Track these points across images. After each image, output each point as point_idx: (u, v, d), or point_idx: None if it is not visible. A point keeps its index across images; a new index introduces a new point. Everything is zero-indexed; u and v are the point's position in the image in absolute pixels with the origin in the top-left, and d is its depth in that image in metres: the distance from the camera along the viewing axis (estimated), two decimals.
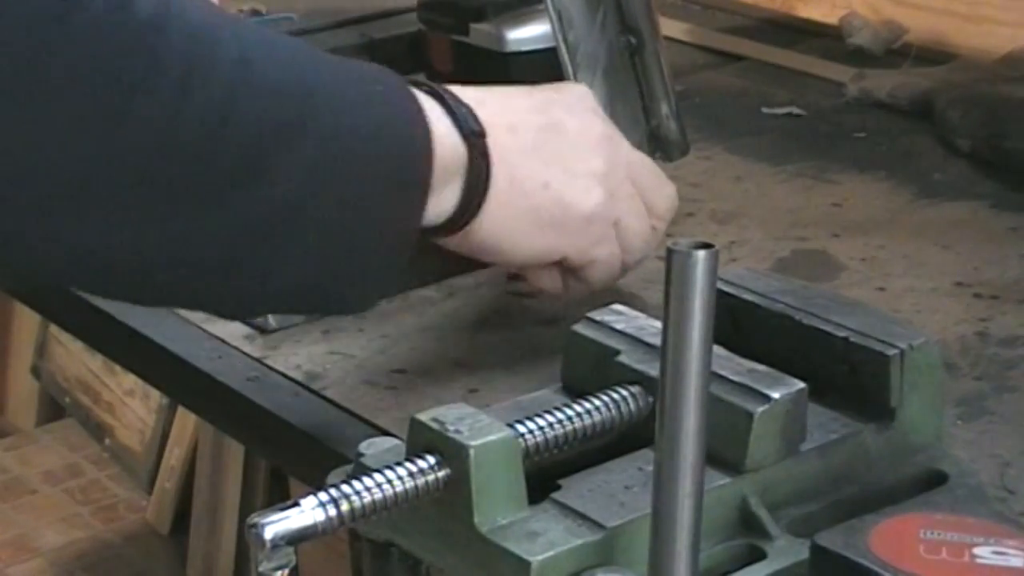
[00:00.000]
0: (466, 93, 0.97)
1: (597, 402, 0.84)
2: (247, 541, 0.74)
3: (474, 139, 0.94)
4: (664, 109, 1.14)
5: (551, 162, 0.98)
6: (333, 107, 0.88)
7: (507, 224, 0.97)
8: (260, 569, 0.73)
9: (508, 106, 0.99)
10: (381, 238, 0.91)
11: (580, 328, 0.91)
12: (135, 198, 0.83)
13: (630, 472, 0.81)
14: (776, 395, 0.81)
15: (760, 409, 0.81)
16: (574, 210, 0.99)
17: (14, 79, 0.78)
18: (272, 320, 1.11)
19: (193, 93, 0.82)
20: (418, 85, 0.95)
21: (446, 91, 0.95)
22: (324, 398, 1.03)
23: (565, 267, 1.02)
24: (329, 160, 0.87)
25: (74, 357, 3.08)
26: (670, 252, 0.66)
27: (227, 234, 0.86)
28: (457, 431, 0.77)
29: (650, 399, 0.84)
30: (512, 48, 1.46)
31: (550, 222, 0.98)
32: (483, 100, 0.96)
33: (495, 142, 0.95)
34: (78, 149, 0.81)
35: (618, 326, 0.90)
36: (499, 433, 0.78)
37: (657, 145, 1.16)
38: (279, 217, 0.86)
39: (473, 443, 0.77)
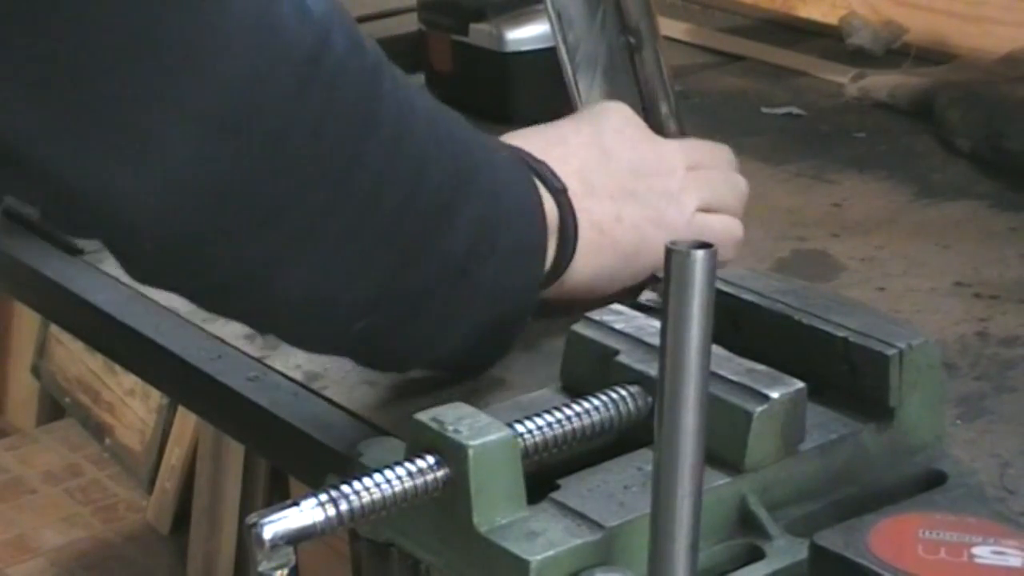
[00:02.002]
0: (531, 144, 1.00)
1: (596, 402, 0.84)
2: (247, 541, 0.74)
3: (560, 196, 0.98)
4: (664, 109, 1.14)
5: (618, 195, 1.02)
6: (484, 166, 0.92)
7: (594, 265, 1.01)
8: (260, 569, 0.73)
9: (569, 151, 1.01)
10: (519, 296, 0.95)
11: (580, 328, 0.91)
12: (350, 248, 0.84)
13: (629, 472, 0.81)
14: (775, 395, 0.81)
15: (759, 409, 0.81)
16: (650, 233, 1.03)
17: (272, 137, 0.78)
18: None
19: (403, 140, 0.84)
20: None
21: (520, 149, 0.99)
22: (324, 398, 1.03)
23: None
24: (488, 218, 0.91)
25: (74, 357, 3.09)
26: (669, 252, 0.66)
27: (415, 286, 0.88)
28: (456, 431, 0.77)
29: (649, 399, 0.84)
30: (512, 48, 1.46)
31: (633, 251, 1.02)
32: (546, 149, 1.00)
33: (573, 192, 0.99)
34: (311, 195, 0.81)
35: (617, 326, 0.90)
36: (498, 433, 0.78)
37: None
38: (454, 273, 0.89)
39: (472, 443, 0.77)
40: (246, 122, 0.77)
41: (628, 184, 1.03)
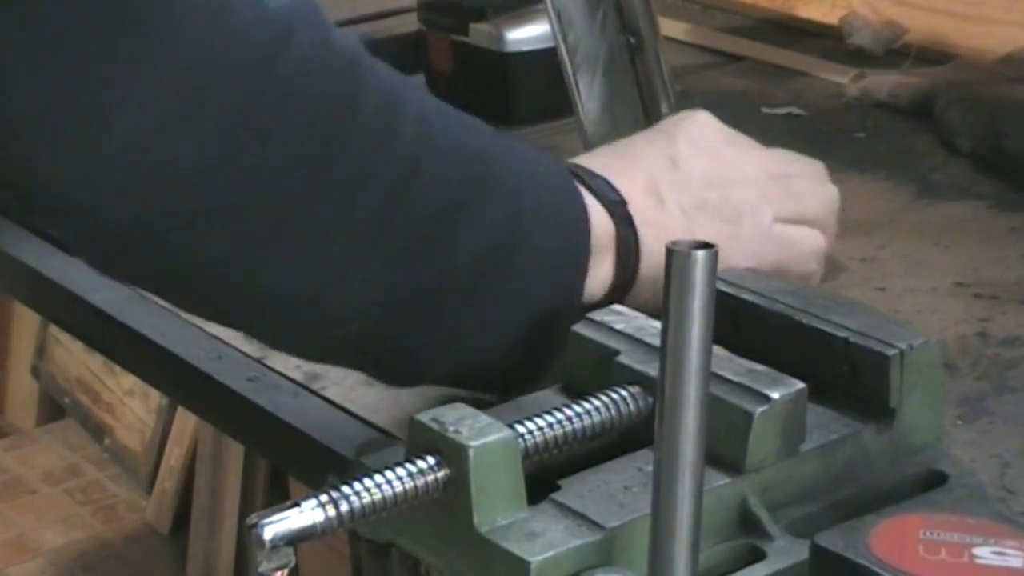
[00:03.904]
0: (597, 159, 0.98)
1: (597, 402, 0.84)
2: (247, 541, 0.74)
3: (617, 208, 0.95)
4: (664, 109, 1.14)
5: (690, 208, 0.98)
6: (508, 176, 0.89)
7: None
8: (260, 569, 0.73)
9: (637, 163, 0.98)
10: (543, 317, 0.92)
11: (580, 328, 0.91)
12: (329, 248, 0.83)
13: (629, 472, 0.81)
14: (776, 395, 0.81)
15: (760, 409, 0.81)
16: (724, 247, 0.99)
17: (226, 126, 0.78)
18: None
19: (383, 143, 0.83)
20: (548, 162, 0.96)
21: (579, 166, 0.96)
22: (324, 398, 1.03)
23: None
24: (506, 231, 0.88)
25: (74, 357, 3.09)
26: (670, 252, 0.66)
27: (413, 293, 0.86)
28: (457, 431, 0.77)
29: (650, 399, 0.84)
30: (512, 48, 1.46)
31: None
32: (611, 164, 0.97)
33: (634, 205, 0.95)
34: (275, 190, 0.80)
35: (618, 326, 0.90)
36: (499, 433, 0.78)
37: None
38: (463, 284, 0.87)
39: (473, 443, 0.77)
40: (197, 110, 0.77)
41: (701, 195, 0.99)
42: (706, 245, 0.66)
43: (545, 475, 0.81)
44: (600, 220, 0.94)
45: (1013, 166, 1.35)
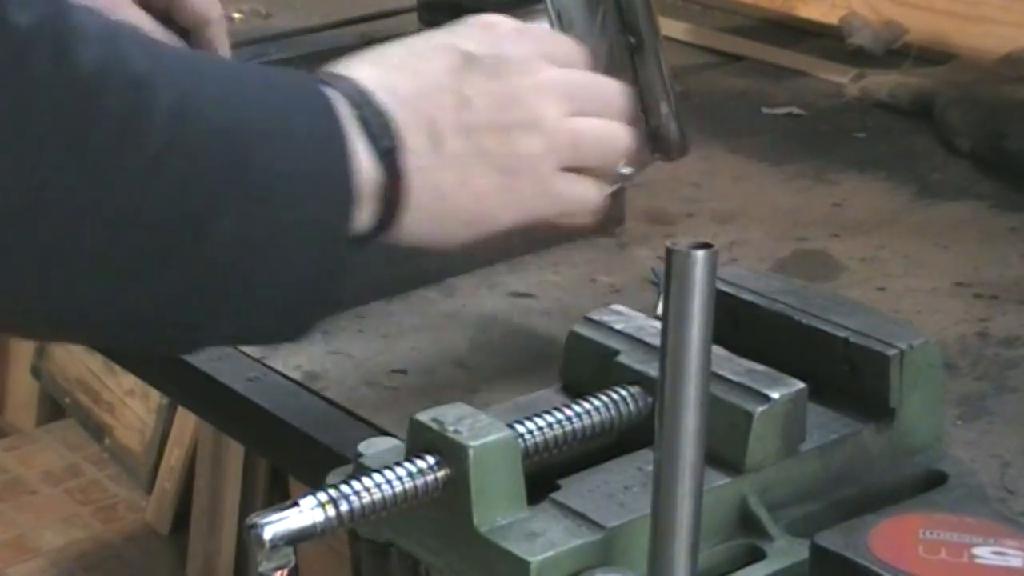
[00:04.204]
0: (379, 79, 0.91)
1: (597, 402, 0.84)
2: (247, 541, 0.74)
3: (389, 158, 0.89)
4: (664, 109, 1.14)
5: (470, 159, 0.93)
6: (266, 154, 0.85)
7: (432, 228, 0.93)
8: (260, 569, 0.73)
9: (421, 94, 0.92)
10: (307, 276, 0.88)
11: (580, 328, 0.91)
12: (62, 258, 0.80)
13: (630, 472, 0.81)
14: (776, 395, 0.81)
15: (760, 409, 0.81)
16: (497, 199, 0.94)
17: None
18: None
19: (126, 153, 0.80)
20: (337, 79, 0.90)
21: (363, 96, 0.90)
22: (324, 398, 1.03)
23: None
24: (262, 218, 0.85)
25: (74, 357, 3.08)
26: (670, 252, 0.66)
27: (160, 295, 0.83)
28: (457, 431, 0.77)
29: (650, 399, 0.84)
30: None
31: (479, 216, 0.94)
32: (395, 86, 0.91)
33: (411, 150, 0.90)
34: (7, 205, 0.78)
35: (618, 326, 0.90)
36: (499, 433, 0.78)
37: (657, 145, 1.16)
38: (211, 278, 0.84)
39: (473, 443, 0.77)
40: None
41: (484, 142, 0.92)
42: (706, 245, 0.66)
43: (545, 475, 0.81)
44: (367, 167, 0.88)
45: (1013, 166, 1.35)
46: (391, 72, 0.92)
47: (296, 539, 0.74)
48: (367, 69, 0.92)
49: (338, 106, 0.88)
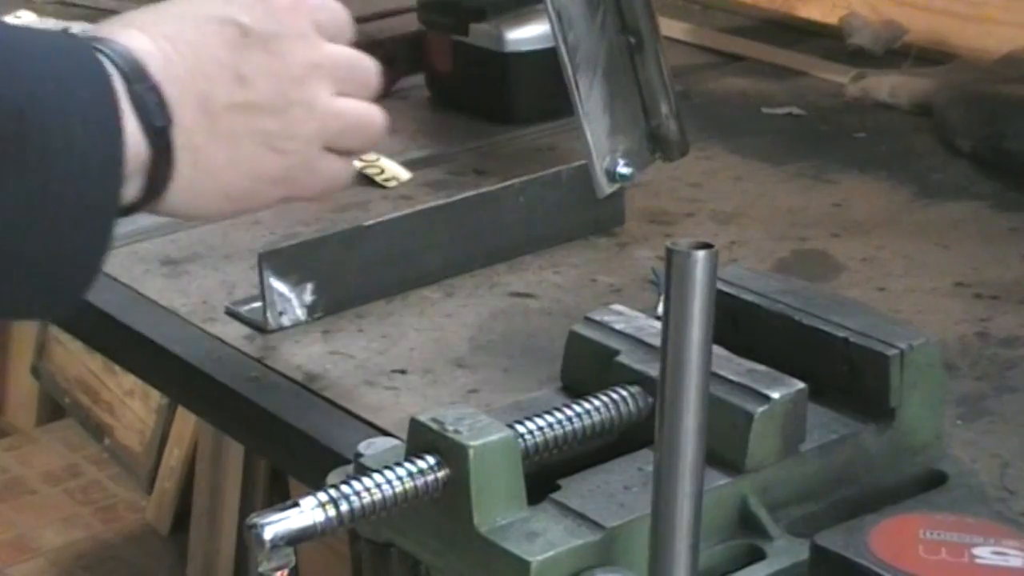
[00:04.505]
0: (156, 51, 0.90)
1: (597, 402, 0.84)
2: (247, 541, 0.74)
3: (158, 135, 0.89)
4: (664, 109, 1.14)
5: (245, 139, 0.93)
6: (43, 130, 0.84)
7: (196, 203, 0.93)
8: (260, 569, 0.73)
9: (199, 68, 0.92)
10: (78, 251, 0.87)
11: (580, 328, 0.91)
12: None
13: (630, 472, 0.81)
14: (776, 395, 0.81)
15: (760, 409, 0.81)
16: (266, 177, 0.95)
17: None
18: (271, 320, 1.11)
19: None
20: (113, 48, 0.89)
21: (138, 72, 0.89)
22: (324, 398, 1.03)
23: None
24: (34, 195, 0.83)
25: (74, 357, 3.08)
26: (670, 252, 0.66)
27: None
28: (457, 431, 0.77)
29: (650, 399, 0.84)
30: (512, 48, 1.46)
31: (244, 193, 0.95)
32: (171, 61, 0.90)
33: (181, 128, 0.90)
34: None
35: (618, 326, 0.90)
36: (499, 433, 0.78)
37: (657, 145, 1.16)
38: None
39: (473, 443, 0.77)
40: None
41: (261, 123, 0.93)
42: (706, 245, 0.66)
43: (545, 475, 0.81)
44: (135, 142, 0.87)
45: (1013, 166, 1.35)
46: (167, 44, 0.91)
47: (296, 539, 0.74)
48: (142, 39, 0.90)
49: (113, 82, 0.87)
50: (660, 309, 0.92)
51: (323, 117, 0.95)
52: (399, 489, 0.77)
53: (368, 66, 0.98)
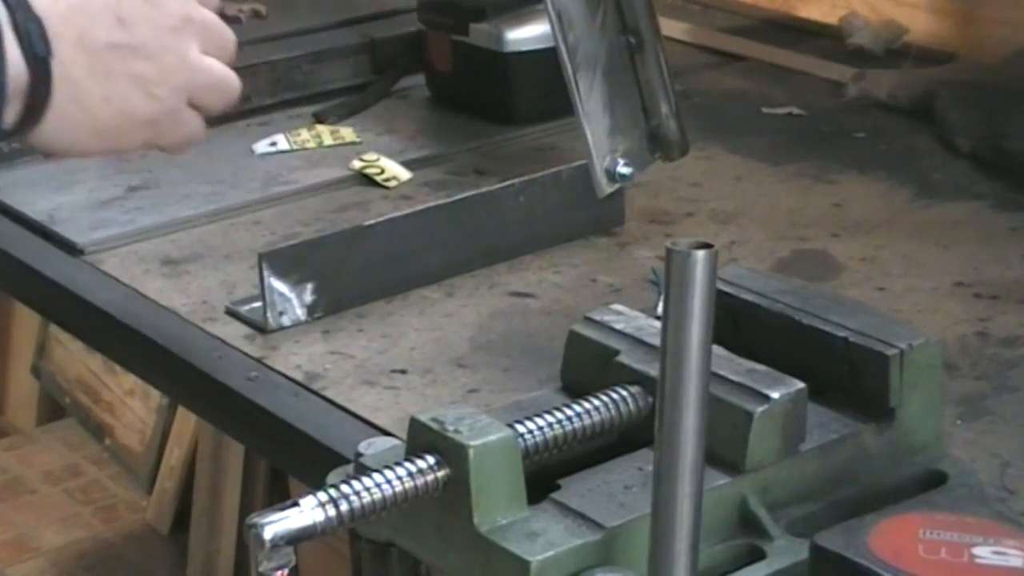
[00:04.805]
0: None
1: (597, 402, 0.84)
2: (247, 541, 0.74)
3: (38, 64, 0.94)
4: (664, 109, 1.14)
5: (119, 80, 0.98)
6: None
7: (69, 136, 0.98)
8: (260, 569, 0.73)
9: (82, 7, 0.97)
10: None
11: (580, 328, 0.91)
12: None
13: (630, 472, 0.81)
14: (776, 395, 0.81)
15: (760, 409, 0.81)
16: (136, 118, 1.00)
17: None
18: (271, 320, 1.12)
19: None
20: None
21: (22, 2, 0.94)
22: (324, 398, 1.03)
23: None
24: None
25: (74, 357, 3.08)
26: (670, 252, 0.66)
27: None
28: (457, 431, 0.77)
29: (650, 399, 0.84)
30: (512, 48, 1.46)
31: (114, 131, 1.00)
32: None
33: (60, 60, 0.95)
34: None
35: (618, 326, 0.90)
36: (499, 433, 0.78)
37: (657, 145, 1.16)
38: None
39: (473, 443, 0.77)
40: None
41: (138, 67, 0.98)
42: (706, 245, 0.66)
43: (545, 475, 0.81)
44: (15, 69, 0.93)
45: (1013, 166, 1.35)
46: None
47: (296, 539, 0.74)
48: None
49: None
50: (660, 309, 0.92)
51: (192, 70, 1.01)
52: (399, 489, 0.77)
53: (230, 35, 1.05)
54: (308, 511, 0.74)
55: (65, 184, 1.38)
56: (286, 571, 0.73)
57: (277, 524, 0.73)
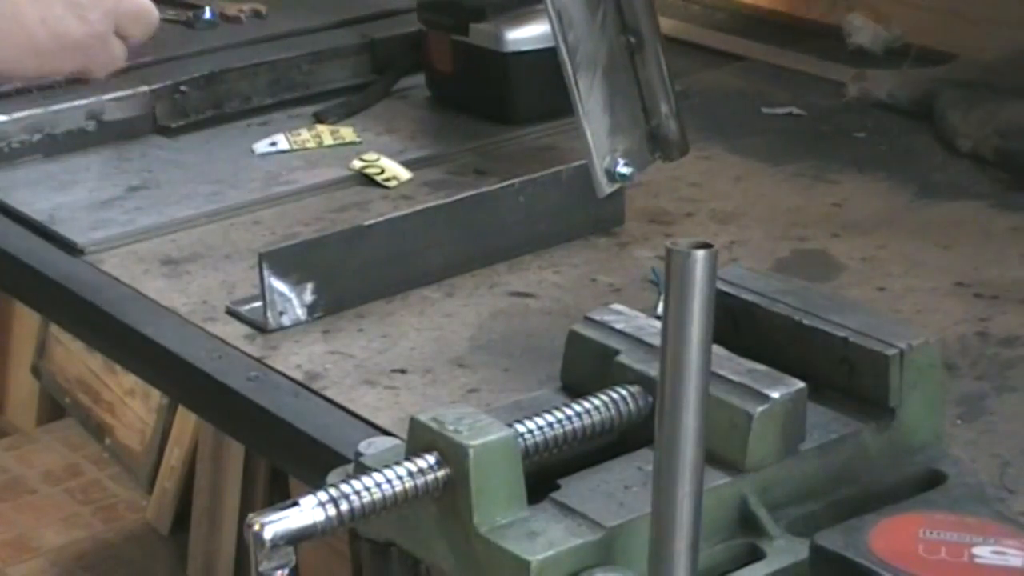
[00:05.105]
0: None
1: (597, 402, 0.84)
2: (247, 541, 0.74)
3: None
4: (664, 109, 1.14)
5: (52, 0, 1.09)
6: None
7: (7, 53, 1.08)
8: (260, 569, 0.73)
9: None
10: None
11: (580, 328, 0.91)
12: None
13: (630, 472, 0.81)
14: (776, 395, 0.81)
15: (760, 409, 0.81)
16: (69, 40, 1.10)
17: None
18: (271, 320, 1.12)
19: None
20: None
21: None
22: (324, 398, 1.03)
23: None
24: None
25: (74, 357, 3.08)
26: (670, 252, 0.66)
27: None
28: (457, 431, 0.77)
29: (650, 399, 0.84)
30: (512, 48, 1.46)
31: (49, 54, 1.10)
32: None
33: None
34: None
35: (618, 326, 0.90)
36: (499, 433, 0.78)
37: (657, 145, 1.16)
38: None
39: (473, 443, 0.77)
40: None
41: None
42: (706, 245, 0.66)
43: (545, 475, 0.81)
44: None
45: (1013, 166, 1.35)
46: None
47: (296, 539, 0.74)
48: None
49: None
50: (660, 309, 0.92)
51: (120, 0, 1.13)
52: (399, 489, 0.77)
53: None
54: (308, 511, 0.74)
55: (65, 184, 1.38)
56: (286, 571, 0.73)
57: (277, 524, 0.73)
